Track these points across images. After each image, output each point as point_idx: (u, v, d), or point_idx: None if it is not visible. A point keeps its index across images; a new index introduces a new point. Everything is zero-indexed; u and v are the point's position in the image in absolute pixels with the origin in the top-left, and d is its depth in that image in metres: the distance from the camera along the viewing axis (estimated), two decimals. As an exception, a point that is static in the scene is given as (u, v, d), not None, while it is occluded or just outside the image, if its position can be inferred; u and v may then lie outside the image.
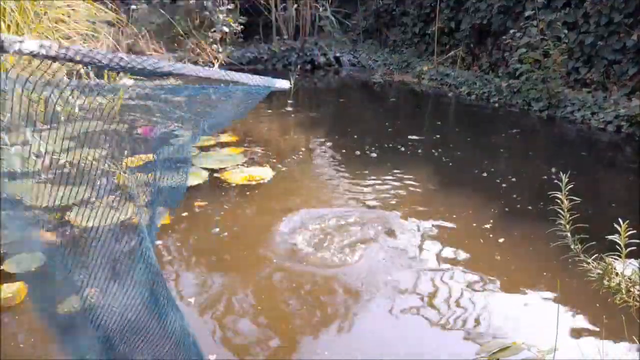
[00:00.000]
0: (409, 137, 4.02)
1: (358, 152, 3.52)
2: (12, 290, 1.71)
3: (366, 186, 2.81)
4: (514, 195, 2.80)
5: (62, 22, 4.47)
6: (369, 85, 6.67)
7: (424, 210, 2.49)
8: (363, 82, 6.88)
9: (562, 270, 1.92)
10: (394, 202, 2.60)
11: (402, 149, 3.67)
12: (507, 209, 2.56)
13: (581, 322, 1.66)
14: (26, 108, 0.93)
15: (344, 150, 3.53)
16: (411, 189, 2.80)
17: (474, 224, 2.34)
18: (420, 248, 2.11)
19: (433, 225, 2.32)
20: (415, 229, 2.28)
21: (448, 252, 2.08)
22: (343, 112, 5.29)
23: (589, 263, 1.58)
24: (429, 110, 5.40)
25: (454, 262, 2.00)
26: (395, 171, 3.05)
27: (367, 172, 3.04)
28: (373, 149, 3.65)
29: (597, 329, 1.61)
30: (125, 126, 1.33)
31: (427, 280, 1.87)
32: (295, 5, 8.06)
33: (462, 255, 2.06)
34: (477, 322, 1.63)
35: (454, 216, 2.43)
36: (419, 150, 3.65)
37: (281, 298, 1.74)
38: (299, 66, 7.64)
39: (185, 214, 2.37)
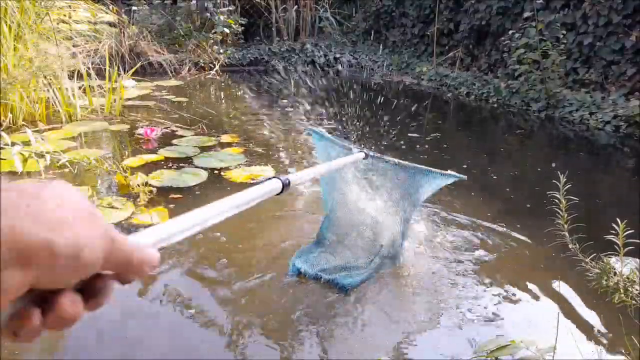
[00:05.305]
0: (409, 135, 4.04)
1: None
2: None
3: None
4: (512, 194, 2.82)
5: (64, 22, 4.48)
6: (368, 86, 6.68)
7: (421, 208, 2.50)
8: (363, 83, 6.90)
9: (561, 269, 1.94)
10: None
11: (402, 148, 3.69)
12: (505, 208, 2.57)
13: (579, 321, 1.67)
14: None
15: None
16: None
17: (472, 223, 2.35)
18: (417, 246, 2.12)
19: (431, 222, 2.34)
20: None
21: (444, 249, 2.10)
22: (343, 112, 5.31)
23: (587, 262, 1.59)
24: (429, 111, 5.42)
25: (450, 260, 2.01)
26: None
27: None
28: (372, 147, 3.66)
29: (595, 328, 1.62)
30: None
31: (421, 277, 1.88)
32: (296, 7, 8.08)
33: (459, 252, 2.07)
34: (475, 320, 1.65)
35: (452, 214, 2.44)
36: (419, 149, 3.66)
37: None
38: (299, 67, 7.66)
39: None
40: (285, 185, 0.74)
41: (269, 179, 0.74)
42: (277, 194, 0.73)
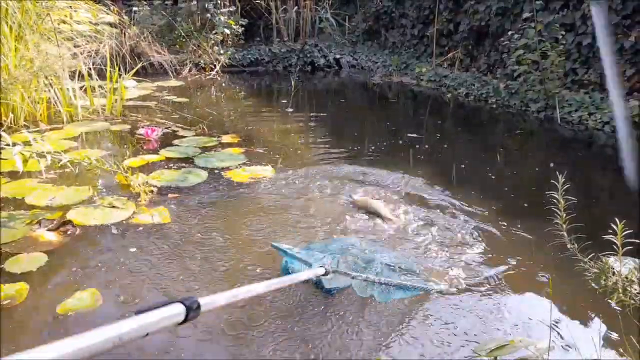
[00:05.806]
0: (409, 135, 4.04)
1: (358, 150, 3.54)
2: (13, 290, 1.73)
3: (367, 184, 2.83)
4: (511, 195, 2.83)
5: (65, 23, 4.49)
6: (368, 87, 6.69)
7: (421, 208, 2.51)
8: (362, 84, 6.91)
9: (559, 269, 1.95)
10: (392, 198, 2.62)
11: (402, 149, 3.70)
12: (503, 208, 2.58)
13: (578, 321, 1.68)
14: None
15: (344, 149, 3.56)
16: (410, 186, 2.82)
17: (470, 222, 2.36)
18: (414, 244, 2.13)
19: (429, 221, 2.35)
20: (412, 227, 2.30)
21: (444, 249, 2.10)
22: (343, 112, 5.32)
23: (586, 262, 1.60)
24: (428, 111, 5.43)
25: (448, 259, 2.02)
26: (394, 169, 3.07)
27: (367, 170, 3.07)
28: (372, 147, 3.68)
29: (594, 329, 1.63)
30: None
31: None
32: (296, 8, 8.09)
33: (457, 251, 2.08)
34: (474, 320, 1.65)
35: (451, 213, 2.45)
36: (418, 150, 3.67)
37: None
38: (299, 68, 7.67)
39: (172, 203, 2.39)
40: (192, 310, 0.53)
41: (170, 302, 0.50)
42: (179, 324, 0.52)
